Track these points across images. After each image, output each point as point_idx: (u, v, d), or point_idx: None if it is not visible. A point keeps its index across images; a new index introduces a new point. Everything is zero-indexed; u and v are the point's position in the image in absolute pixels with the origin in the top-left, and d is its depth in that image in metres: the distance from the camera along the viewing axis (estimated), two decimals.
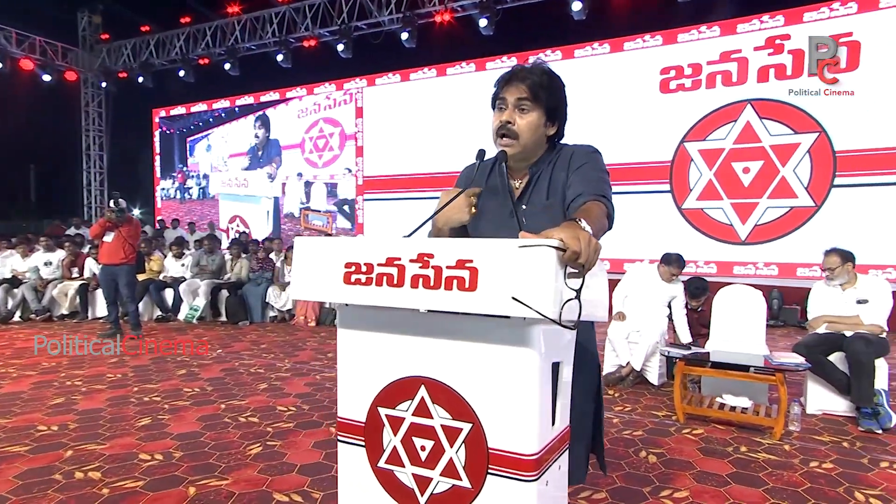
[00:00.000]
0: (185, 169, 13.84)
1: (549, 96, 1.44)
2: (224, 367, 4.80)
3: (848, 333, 3.60)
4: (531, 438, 1.03)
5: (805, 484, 2.62)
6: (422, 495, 1.12)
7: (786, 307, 7.36)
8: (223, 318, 7.44)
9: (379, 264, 1.07)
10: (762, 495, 2.50)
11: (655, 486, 2.58)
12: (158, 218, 13.88)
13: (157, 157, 14.38)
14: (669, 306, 4.47)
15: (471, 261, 0.98)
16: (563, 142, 1.59)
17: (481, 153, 1.51)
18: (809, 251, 7.39)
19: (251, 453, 2.92)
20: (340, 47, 10.40)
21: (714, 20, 8.13)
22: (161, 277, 7.88)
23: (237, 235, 11.49)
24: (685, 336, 4.33)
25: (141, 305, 7.00)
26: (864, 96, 7.27)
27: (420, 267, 1.02)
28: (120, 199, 6.04)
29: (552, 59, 9.26)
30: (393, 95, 10.81)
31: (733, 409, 3.40)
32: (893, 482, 2.66)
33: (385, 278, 1.06)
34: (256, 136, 12.45)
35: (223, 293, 7.50)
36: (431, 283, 1.01)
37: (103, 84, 14.54)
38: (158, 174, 14.41)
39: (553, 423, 1.11)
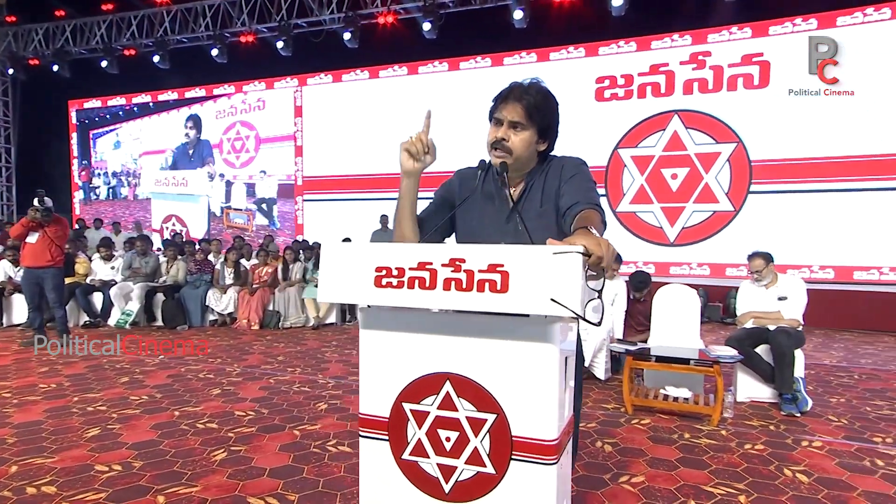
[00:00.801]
0: (87, 164, 13.15)
1: (543, 117, 1.55)
2: (170, 374, 4.63)
3: (771, 327, 3.98)
4: (552, 425, 1.14)
5: (742, 464, 2.90)
6: (446, 483, 1.20)
7: (710, 304, 7.92)
8: (159, 323, 7.12)
9: (410, 268, 1.14)
10: (707, 476, 2.75)
11: (614, 473, 2.77)
12: (78, 218, 13.02)
13: (75, 153, 13.49)
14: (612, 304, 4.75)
15: (502, 265, 1.07)
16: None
17: (483, 163, 1.62)
18: (730, 252, 8.05)
19: (216, 459, 2.87)
20: (280, 45, 10.18)
21: (646, 35, 8.63)
22: (88, 281, 7.43)
23: (171, 236, 11.02)
24: (619, 331, 4.67)
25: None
26: (774, 111, 7.97)
27: (452, 271, 1.11)
28: (45, 198, 5.66)
29: (482, 65, 9.55)
30: (334, 95, 10.73)
31: (675, 399, 3.69)
32: (814, 458, 2.99)
33: (417, 281, 1.13)
34: (187, 136, 12.03)
35: (159, 296, 7.18)
36: (464, 286, 1.10)
37: (10, 71, 13.43)
38: (76, 171, 13.53)
39: (565, 412, 1.23)
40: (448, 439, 1.20)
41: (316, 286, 7.30)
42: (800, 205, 7.81)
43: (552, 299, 1.00)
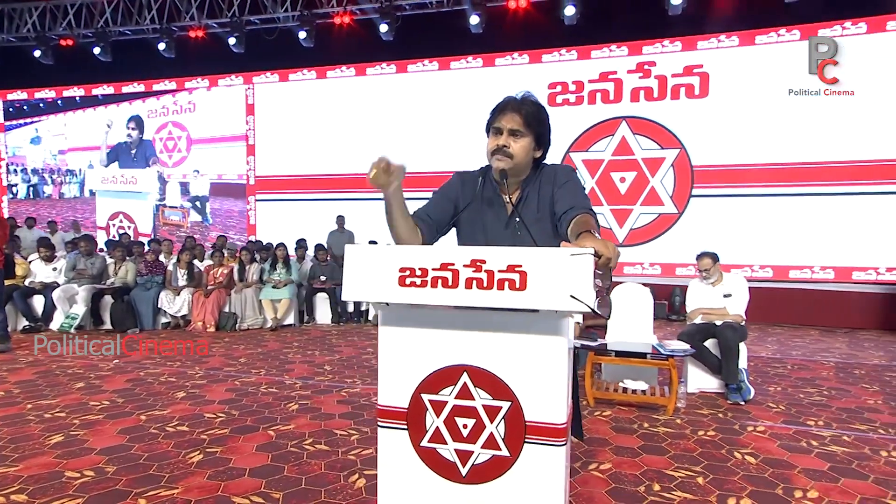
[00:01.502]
0: None
1: (538, 125, 1.68)
2: (129, 378, 4.50)
3: (718, 322, 4.29)
4: (561, 410, 1.26)
5: (697, 449, 3.14)
6: (463, 467, 1.31)
7: (656, 302, 8.33)
8: (107, 326, 6.86)
9: (433, 269, 1.23)
10: (668, 461, 2.96)
11: (583, 462, 2.94)
12: (7, 217, 12.25)
13: (3, 148, 12.70)
14: None
15: (520, 265, 1.18)
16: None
17: (485, 169, 1.73)
18: (674, 252, 8.51)
19: (193, 461, 2.86)
20: (232, 41, 9.95)
21: (596, 44, 8.97)
22: (27, 283, 7.06)
23: (118, 236, 10.61)
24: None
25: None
26: (714, 119, 8.49)
27: (473, 271, 1.21)
28: None
29: (430, 68, 9.70)
30: (288, 94, 10.59)
31: (634, 391, 3.92)
32: (759, 441, 3.27)
33: (440, 281, 1.23)
34: (129, 136, 11.64)
35: (106, 299, 6.92)
36: (484, 285, 1.20)
37: None
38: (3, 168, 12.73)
39: (569, 398, 1.35)
40: (465, 426, 1.30)
41: (274, 287, 7.24)
42: (738, 208, 8.33)
43: (571, 296, 1.12)
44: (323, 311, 7.73)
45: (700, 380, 4.30)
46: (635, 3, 8.71)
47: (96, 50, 10.84)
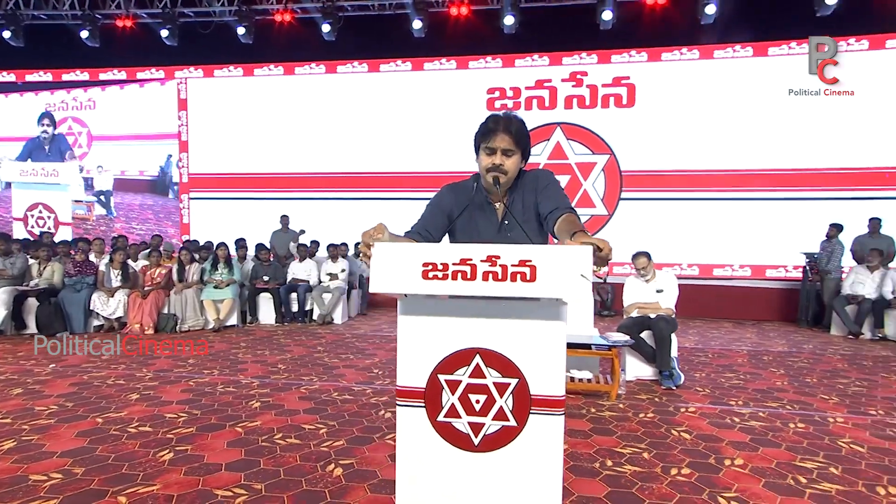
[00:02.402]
0: None
1: (525, 142, 1.90)
2: (72, 381, 4.34)
3: (652, 315, 4.70)
4: (560, 384, 1.47)
5: (640, 429, 3.48)
6: (476, 437, 1.49)
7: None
8: (31, 330, 6.47)
9: (454, 263, 1.41)
10: (616, 441, 3.27)
11: None
12: None
13: None
14: None
15: (530, 260, 1.38)
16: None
17: (476, 177, 1.92)
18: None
19: (164, 459, 2.86)
20: (165, 33, 9.59)
21: (533, 51, 9.39)
22: None
23: (39, 235, 9.97)
24: None
25: None
26: (640, 128, 9.13)
27: (489, 265, 1.39)
28: None
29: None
30: (225, 90, 10.33)
31: (580, 380, 4.24)
32: (691, 420, 3.66)
33: (460, 274, 1.40)
34: (45, 133, 11.00)
35: (31, 301, 6.53)
36: (499, 277, 1.39)
37: None
38: None
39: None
40: (478, 402, 1.49)
41: (215, 287, 7.09)
42: (664, 210, 9.01)
43: (581, 274, 1.33)
44: (266, 311, 7.64)
45: (637, 368, 4.70)
46: (570, 17, 9.18)
47: (6, 34, 10.11)
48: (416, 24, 8.93)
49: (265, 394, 4.09)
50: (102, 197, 11.11)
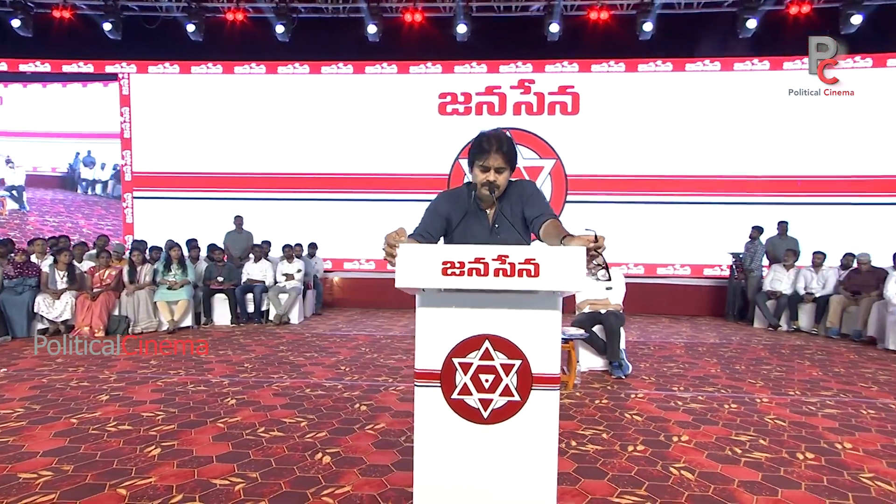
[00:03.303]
0: None
1: (514, 159, 2.15)
2: (32, 385, 4.25)
3: (603, 311, 5.10)
4: (556, 364, 1.73)
5: (597, 414, 3.82)
6: (485, 411, 1.72)
7: None
8: None
9: (469, 262, 1.64)
10: (577, 424, 3.60)
11: None
12: None
13: None
14: None
15: (535, 259, 1.63)
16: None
17: (470, 185, 2.16)
18: None
19: (153, 455, 2.93)
20: (108, 26, 9.26)
21: (484, 59, 9.72)
22: None
23: None
24: None
25: None
26: (584, 134, 9.65)
27: (500, 263, 1.63)
28: None
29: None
30: (170, 87, 10.07)
31: None
32: (641, 405, 4.04)
33: (474, 271, 1.64)
34: None
35: None
36: (508, 273, 1.63)
37: None
38: None
39: None
40: (487, 381, 1.72)
41: (169, 288, 6.99)
42: (607, 213, 9.54)
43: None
44: (221, 312, 7.57)
45: (589, 360, 5.08)
46: (520, 27, 9.57)
47: None
48: (371, 29, 9.07)
49: (238, 391, 4.17)
50: (14, 192, 10.71)
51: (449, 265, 1.64)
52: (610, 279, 1.87)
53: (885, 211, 9.13)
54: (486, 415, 1.73)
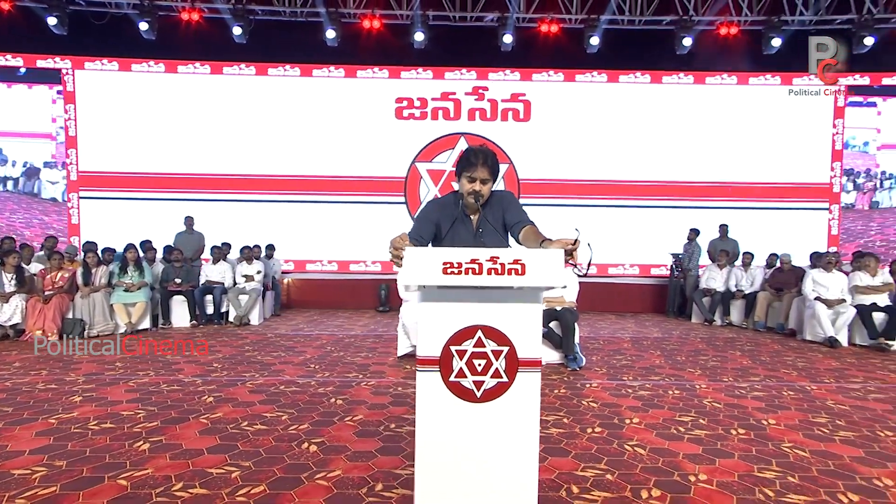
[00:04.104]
0: None
1: (497, 172, 2.44)
2: None
3: (558, 308, 5.47)
4: (538, 349, 2.01)
5: (557, 402, 4.16)
6: (478, 391, 1.99)
7: None
8: None
9: (466, 263, 1.90)
10: (540, 411, 3.91)
11: None
12: None
13: None
14: None
15: (521, 259, 1.91)
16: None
17: (457, 194, 2.43)
18: None
19: (143, 449, 3.04)
20: (52, 21, 8.97)
21: (440, 66, 10.01)
22: None
23: None
24: None
25: None
26: (536, 140, 10.11)
27: (492, 263, 1.90)
28: None
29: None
30: (118, 85, 9.84)
31: None
32: (596, 393, 4.41)
33: (470, 270, 1.90)
34: None
35: None
36: (500, 272, 1.90)
37: None
38: None
39: None
40: (479, 365, 1.99)
41: (125, 291, 6.91)
42: (560, 215, 10.02)
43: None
44: (180, 314, 7.52)
45: (546, 355, 5.43)
46: (475, 36, 9.92)
47: None
48: (330, 34, 9.18)
49: (213, 389, 4.27)
50: None
51: (448, 265, 1.90)
52: (586, 275, 2.17)
53: (805, 215, 10.06)
54: (478, 395, 2.00)
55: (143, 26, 8.96)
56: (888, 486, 2.71)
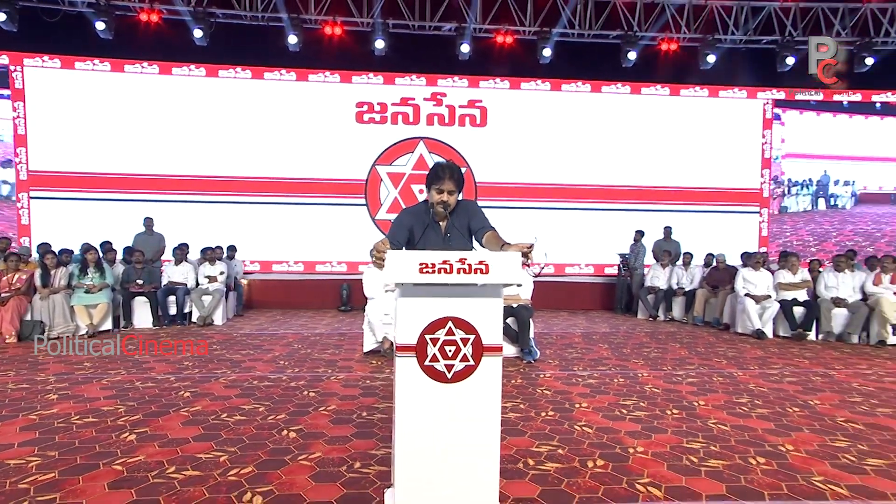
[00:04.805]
0: None
1: (462, 184, 2.79)
2: None
3: (514, 305, 5.87)
4: (499, 337, 2.37)
5: (514, 391, 4.55)
6: (449, 373, 2.32)
7: None
8: None
9: (438, 263, 2.23)
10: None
11: None
12: None
13: None
14: None
15: (485, 261, 2.26)
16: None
17: (428, 203, 2.77)
18: None
19: (131, 440, 3.23)
20: (2, 17, 8.78)
21: (398, 72, 10.30)
22: None
23: None
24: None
25: None
26: (491, 145, 10.55)
27: (460, 264, 2.24)
28: None
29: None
30: (71, 84, 9.69)
31: None
32: (549, 382, 4.82)
33: (443, 269, 2.23)
34: None
35: None
36: (468, 271, 2.24)
37: None
38: None
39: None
40: (450, 351, 2.32)
41: (86, 292, 6.92)
42: (515, 217, 10.49)
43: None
44: (142, 315, 7.55)
45: (503, 348, 5.82)
46: (434, 45, 10.26)
47: None
48: (292, 39, 9.34)
49: (189, 385, 4.45)
50: None
51: (424, 266, 2.23)
52: (539, 275, 2.54)
53: (738, 218, 10.88)
54: (449, 376, 2.33)
55: (100, 26, 8.88)
56: (789, 450, 3.20)
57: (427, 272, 2.23)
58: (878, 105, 11.03)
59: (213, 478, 2.72)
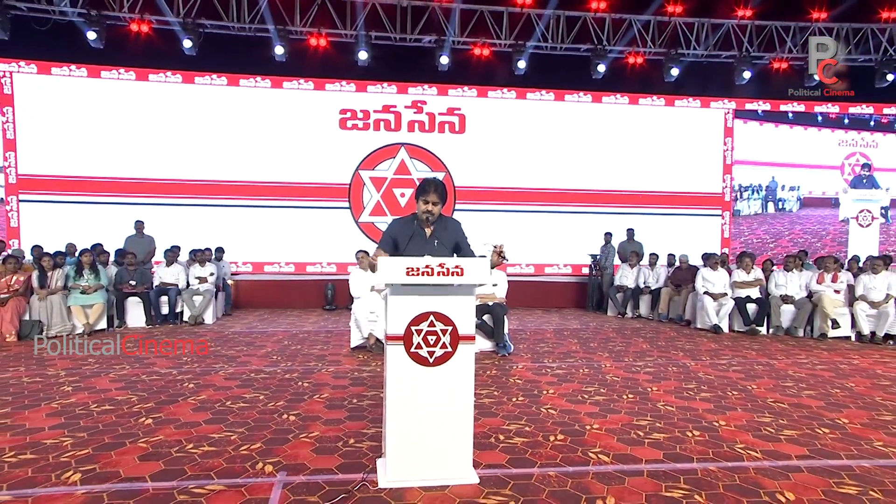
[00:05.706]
0: None
1: (445, 197, 3.28)
2: None
3: (490, 303, 6.37)
4: (472, 328, 2.85)
5: (489, 380, 5.04)
6: (431, 358, 2.79)
7: None
8: None
9: (422, 268, 2.70)
10: (475, 387, 4.78)
11: None
12: None
13: None
14: None
15: (461, 265, 2.74)
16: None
17: (415, 215, 3.24)
18: None
19: (148, 423, 3.64)
20: None
21: (382, 80, 10.75)
22: None
23: None
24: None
25: None
26: (470, 151, 11.05)
27: (440, 268, 2.72)
28: None
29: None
30: (61, 90, 9.93)
31: None
32: (521, 373, 5.32)
33: (426, 272, 2.71)
34: None
35: None
36: (446, 274, 2.72)
37: None
38: None
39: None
40: (431, 340, 2.80)
41: (82, 293, 7.23)
42: (493, 220, 11.00)
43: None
44: (135, 315, 7.87)
45: (480, 343, 6.32)
46: (415, 55, 10.73)
47: None
48: (279, 50, 9.71)
49: (192, 378, 4.85)
50: None
51: (410, 269, 2.71)
52: (506, 258, 3.09)
53: (701, 220, 11.55)
54: (431, 361, 2.81)
55: (91, 35, 9.14)
56: (721, 425, 3.75)
57: (413, 274, 2.70)
58: (819, 118, 11.81)
59: (227, 452, 3.15)
